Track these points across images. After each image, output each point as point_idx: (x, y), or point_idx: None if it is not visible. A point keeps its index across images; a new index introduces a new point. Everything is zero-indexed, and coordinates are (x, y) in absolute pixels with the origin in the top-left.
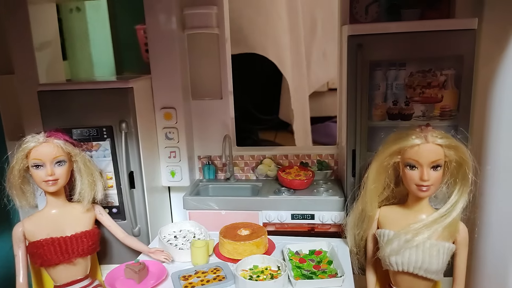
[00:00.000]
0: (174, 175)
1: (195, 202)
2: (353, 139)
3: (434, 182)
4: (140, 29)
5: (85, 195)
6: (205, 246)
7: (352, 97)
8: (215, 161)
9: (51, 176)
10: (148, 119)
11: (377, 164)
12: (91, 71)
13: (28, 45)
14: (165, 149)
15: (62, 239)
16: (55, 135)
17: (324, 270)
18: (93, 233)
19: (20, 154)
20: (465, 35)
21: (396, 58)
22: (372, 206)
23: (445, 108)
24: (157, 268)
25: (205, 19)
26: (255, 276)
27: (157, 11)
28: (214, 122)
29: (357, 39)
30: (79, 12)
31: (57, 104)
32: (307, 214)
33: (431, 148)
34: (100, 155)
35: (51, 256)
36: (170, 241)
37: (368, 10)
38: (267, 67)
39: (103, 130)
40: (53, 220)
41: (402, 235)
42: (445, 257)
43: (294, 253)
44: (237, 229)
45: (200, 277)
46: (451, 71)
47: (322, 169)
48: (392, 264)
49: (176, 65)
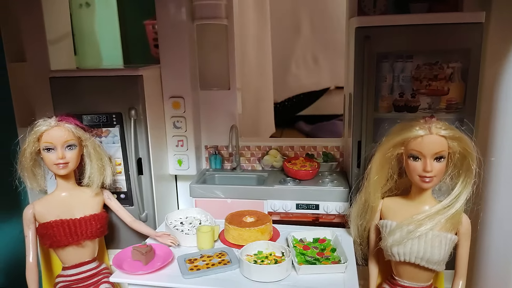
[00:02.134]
0: (181, 164)
1: (202, 190)
2: (359, 131)
3: (437, 173)
4: (148, 24)
5: (94, 179)
6: (210, 231)
7: (359, 89)
8: (222, 151)
9: (62, 159)
10: (156, 108)
11: (380, 155)
12: (99, 66)
13: (40, 34)
14: (173, 138)
15: (72, 221)
16: (66, 120)
17: (327, 257)
18: (101, 217)
19: (32, 137)
20: (473, 29)
21: (403, 50)
22: (375, 197)
23: (451, 101)
24: (163, 251)
25: (215, 10)
26: (259, 261)
27: (167, 2)
28: (222, 112)
29: (365, 31)
30: (88, 8)
31: (69, 90)
32: (312, 204)
33: (435, 139)
34: (110, 141)
35: (60, 237)
36: (177, 227)
37: (376, 3)
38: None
39: (113, 116)
40: (63, 203)
41: (404, 226)
42: (447, 248)
43: (298, 241)
44: (243, 216)
45: (206, 260)
46: (458, 64)
47: (327, 160)
48: (394, 255)
49: (185, 56)
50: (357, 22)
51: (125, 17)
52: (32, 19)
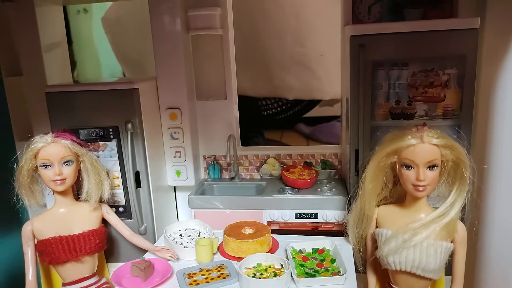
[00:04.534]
0: (179, 175)
1: (200, 201)
2: (356, 139)
3: (431, 182)
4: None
5: (92, 194)
6: (209, 245)
7: (355, 97)
8: (220, 160)
9: (59, 175)
10: (153, 120)
11: (374, 164)
12: (98, 72)
13: (36, 47)
14: (171, 149)
15: (70, 237)
16: (62, 136)
17: (327, 268)
18: (100, 232)
19: (29, 154)
20: (468, 35)
21: (399, 57)
22: (370, 206)
23: (447, 108)
24: (162, 266)
25: (209, 21)
26: (258, 274)
27: (161, 12)
28: (219, 122)
29: (359, 39)
30: (86, 14)
31: (65, 105)
32: (311, 213)
33: (427, 148)
34: (107, 155)
35: (59, 254)
36: (176, 239)
37: (371, 10)
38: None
39: (110, 130)
40: (61, 219)
41: (400, 234)
42: (442, 256)
43: (297, 252)
44: (241, 228)
45: (205, 274)
46: (454, 70)
47: (326, 168)
48: (390, 264)
49: (180, 66)
50: (351, 30)
51: None
52: (27, 32)
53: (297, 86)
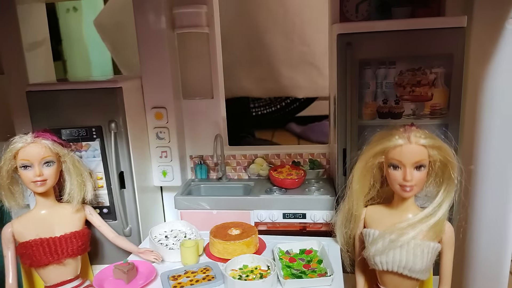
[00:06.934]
0: (165, 175)
1: (187, 202)
2: (344, 138)
3: (418, 182)
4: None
5: (75, 195)
6: (194, 246)
7: (342, 96)
8: (207, 160)
9: (39, 176)
10: (138, 119)
11: (361, 165)
12: (88, 70)
13: (17, 46)
14: (156, 149)
15: (51, 239)
16: (43, 136)
17: (314, 269)
18: (82, 234)
19: (8, 155)
20: (455, 33)
21: (386, 56)
22: (358, 206)
23: (435, 107)
24: (146, 268)
25: (195, 19)
26: (244, 275)
27: (146, 10)
28: (206, 122)
29: (346, 37)
30: (76, 12)
31: (46, 104)
32: (299, 213)
33: (414, 148)
34: (90, 155)
35: (40, 256)
36: (161, 241)
37: (359, 8)
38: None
39: (93, 130)
40: (42, 221)
41: (387, 235)
42: (429, 256)
43: (284, 253)
44: (228, 229)
45: (190, 277)
46: (441, 69)
47: (314, 168)
48: (377, 264)
49: (166, 65)
50: (338, 28)
51: None
52: (8, 30)
53: (304, 85)
